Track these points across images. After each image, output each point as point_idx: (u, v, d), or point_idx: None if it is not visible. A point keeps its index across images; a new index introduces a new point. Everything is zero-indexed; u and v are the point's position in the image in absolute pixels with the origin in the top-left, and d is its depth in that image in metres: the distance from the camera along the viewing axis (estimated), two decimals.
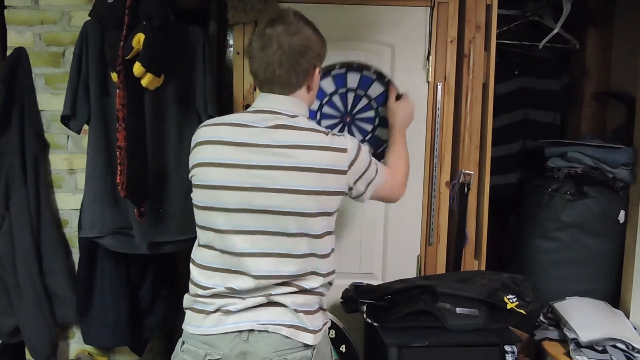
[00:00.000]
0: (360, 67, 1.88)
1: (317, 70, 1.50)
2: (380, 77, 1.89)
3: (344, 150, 1.42)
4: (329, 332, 1.94)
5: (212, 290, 1.41)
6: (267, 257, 1.39)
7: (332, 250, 1.48)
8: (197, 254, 1.47)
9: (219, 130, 1.44)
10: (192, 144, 1.47)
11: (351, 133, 1.90)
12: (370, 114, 1.93)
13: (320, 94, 1.85)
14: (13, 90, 2.17)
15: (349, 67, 1.87)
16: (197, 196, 1.44)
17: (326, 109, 1.89)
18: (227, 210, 1.39)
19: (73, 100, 2.04)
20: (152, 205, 2.03)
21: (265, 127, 1.40)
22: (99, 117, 2.05)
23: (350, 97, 1.91)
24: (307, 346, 1.39)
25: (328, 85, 1.86)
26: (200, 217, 1.45)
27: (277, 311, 1.40)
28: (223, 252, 1.41)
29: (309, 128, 1.42)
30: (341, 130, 1.92)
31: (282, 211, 1.36)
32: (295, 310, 1.40)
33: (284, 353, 1.38)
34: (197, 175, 1.43)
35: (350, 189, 1.48)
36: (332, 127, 1.88)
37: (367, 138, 1.92)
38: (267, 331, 1.38)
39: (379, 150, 1.90)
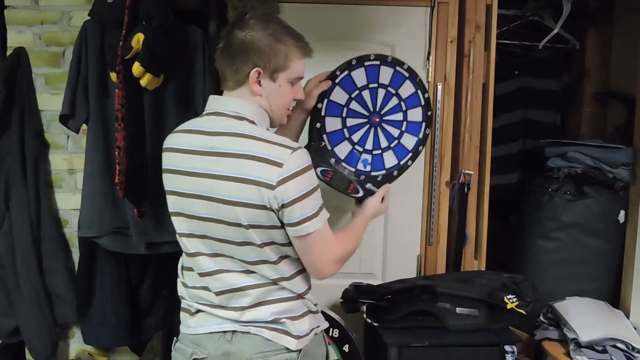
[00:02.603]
0: (394, 62, 1.74)
1: (257, 72, 1.36)
2: (413, 75, 1.76)
3: (277, 164, 1.28)
4: (331, 332, 1.94)
5: (192, 291, 1.45)
6: (211, 257, 1.40)
7: (286, 257, 1.40)
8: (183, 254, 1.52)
9: (174, 138, 1.46)
10: None
11: (377, 137, 1.74)
12: (399, 116, 1.77)
13: (351, 86, 1.71)
14: (13, 90, 2.17)
15: (383, 60, 1.73)
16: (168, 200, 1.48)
17: (354, 105, 1.72)
18: (179, 215, 1.42)
19: (72, 99, 2.04)
20: (151, 205, 2.03)
21: (208, 133, 1.37)
22: (98, 117, 2.06)
23: (381, 94, 1.75)
24: (290, 350, 1.39)
25: (360, 77, 1.72)
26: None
27: (258, 316, 1.39)
28: (185, 251, 1.46)
29: (250, 135, 1.33)
30: (367, 134, 1.74)
31: (221, 220, 1.35)
32: (277, 319, 1.39)
33: (267, 355, 1.38)
34: (164, 182, 1.47)
35: (278, 210, 1.31)
36: (358, 127, 1.74)
37: (392, 145, 1.76)
38: (250, 333, 1.39)
39: (402, 161, 1.76)
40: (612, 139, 2.72)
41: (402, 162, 1.77)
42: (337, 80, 1.69)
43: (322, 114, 1.67)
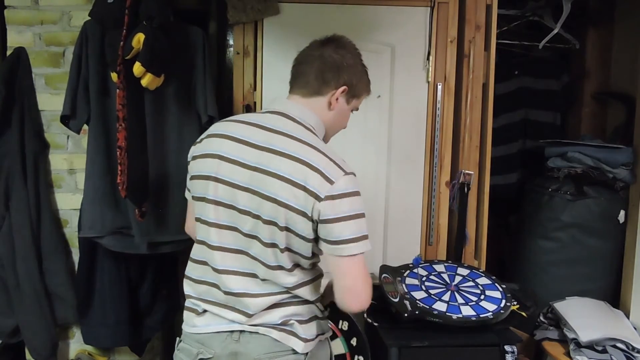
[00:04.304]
0: (470, 267, 2.22)
1: (342, 90, 1.45)
2: (488, 276, 2.14)
3: (329, 181, 1.32)
4: (340, 324, 1.95)
5: (200, 287, 1.44)
6: (233, 253, 1.40)
7: (298, 265, 1.41)
8: (193, 248, 1.49)
9: (226, 125, 1.46)
10: (202, 137, 1.48)
11: (453, 298, 2.01)
12: (476, 290, 2.06)
13: (430, 268, 2.17)
14: (13, 90, 2.17)
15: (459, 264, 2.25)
16: (194, 187, 1.46)
17: (433, 277, 2.13)
18: (219, 204, 1.40)
19: (73, 100, 2.04)
20: (152, 205, 2.03)
21: (270, 130, 1.39)
22: (99, 117, 2.06)
23: (458, 278, 2.14)
24: (297, 353, 1.40)
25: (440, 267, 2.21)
26: (195, 208, 1.46)
27: (268, 320, 1.40)
28: (203, 243, 1.43)
29: (311, 144, 1.37)
30: (443, 293, 2.02)
31: (258, 215, 1.35)
32: (285, 321, 1.41)
33: (275, 355, 1.39)
34: (198, 166, 1.44)
35: (317, 221, 1.33)
36: (435, 287, 2.07)
37: (470, 304, 1.98)
38: (258, 333, 1.40)
39: (481, 316, 1.93)
40: (612, 139, 2.72)
41: (479, 318, 1.92)
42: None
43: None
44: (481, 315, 1.92)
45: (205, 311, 1.43)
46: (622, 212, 2.55)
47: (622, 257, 2.55)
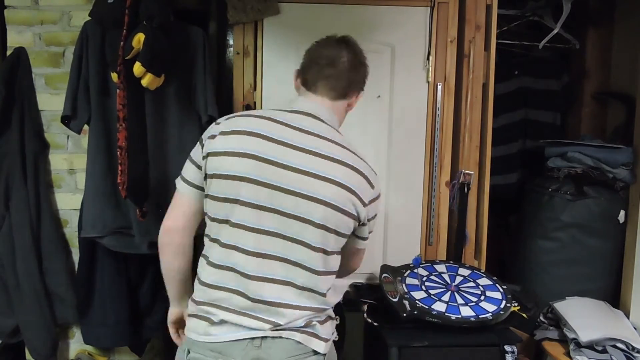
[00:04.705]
0: (471, 267, 2.23)
1: (360, 94, 1.54)
2: (489, 277, 2.16)
3: (371, 185, 1.44)
4: None
5: (218, 293, 1.37)
6: (271, 260, 1.36)
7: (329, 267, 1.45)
8: (213, 252, 1.41)
9: (248, 121, 1.40)
10: (219, 131, 1.39)
11: (453, 298, 2.02)
12: (476, 291, 2.08)
13: (431, 268, 2.19)
14: (13, 90, 2.17)
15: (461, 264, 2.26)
16: (215, 186, 1.37)
17: (433, 278, 2.14)
18: (257, 207, 1.35)
19: (73, 100, 2.04)
20: (153, 205, 2.03)
21: (308, 132, 1.39)
22: (100, 117, 2.06)
23: (459, 278, 2.15)
24: (318, 353, 1.39)
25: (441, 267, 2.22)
26: (214, 208, 1.39)
27: (292, 325, 1.38)
28: (233, 248, 1.37)
29: (348, 148, 1.43)
30: (443, 294, 2.03)
31: (309, 219, 1.34)
32: (308, 323, 1.39)
33: (297, 358, 1.37)
34: (223, 164, 1.36)
35: (361, 223, 1.45)
36: (435, 287, 2.08)
37: (470, 305, 1.99)
38: (281, 337, 1.36)
39: (480, 317, 1.94)
40: (612, 139, 2.72)
41: (479, 319, 1.92)
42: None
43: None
44: (480, 316, 1.92)
45: (222, 321, 1.36)
46: (622, 212, 2.55)
47: (622, 257, 2.55)
